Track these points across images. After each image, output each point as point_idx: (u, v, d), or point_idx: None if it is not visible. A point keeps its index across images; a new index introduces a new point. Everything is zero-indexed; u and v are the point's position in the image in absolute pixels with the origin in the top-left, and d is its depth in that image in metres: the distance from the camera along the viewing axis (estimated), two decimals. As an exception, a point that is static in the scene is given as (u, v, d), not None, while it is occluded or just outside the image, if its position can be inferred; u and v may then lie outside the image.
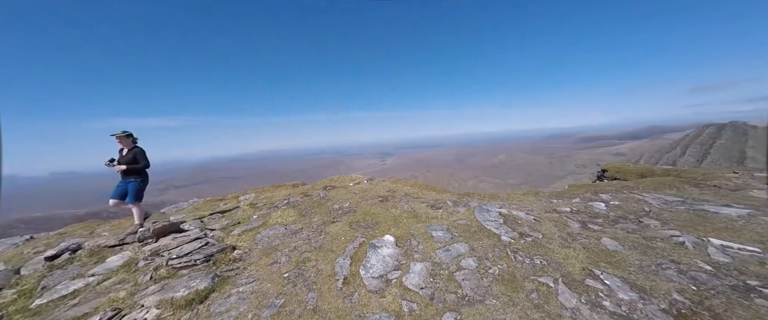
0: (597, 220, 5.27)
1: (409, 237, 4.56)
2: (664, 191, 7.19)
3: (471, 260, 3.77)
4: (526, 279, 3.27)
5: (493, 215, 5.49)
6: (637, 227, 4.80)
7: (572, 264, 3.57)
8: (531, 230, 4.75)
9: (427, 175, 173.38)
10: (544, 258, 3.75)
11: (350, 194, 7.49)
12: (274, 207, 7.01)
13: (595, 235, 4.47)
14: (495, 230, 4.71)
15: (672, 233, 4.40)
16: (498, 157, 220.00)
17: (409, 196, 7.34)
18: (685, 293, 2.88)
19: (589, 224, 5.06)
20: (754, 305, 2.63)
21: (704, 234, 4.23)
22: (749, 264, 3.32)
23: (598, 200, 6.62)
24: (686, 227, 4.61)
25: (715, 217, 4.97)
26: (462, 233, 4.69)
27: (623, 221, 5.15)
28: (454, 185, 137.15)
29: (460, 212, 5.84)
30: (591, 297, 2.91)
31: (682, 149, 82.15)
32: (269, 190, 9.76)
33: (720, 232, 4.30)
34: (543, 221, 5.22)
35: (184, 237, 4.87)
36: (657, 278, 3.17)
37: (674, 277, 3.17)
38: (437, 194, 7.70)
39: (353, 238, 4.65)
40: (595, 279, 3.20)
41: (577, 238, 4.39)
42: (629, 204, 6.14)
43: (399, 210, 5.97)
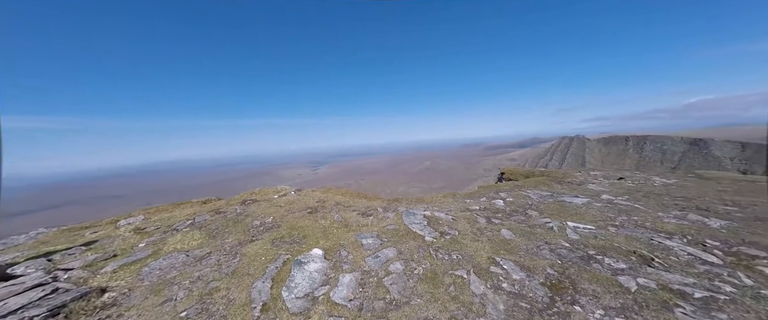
0: (498, 215, 6.32)
1: (339, 248, 4.41)
2: (540, 188, 9.23)
3: (399, 263, 3.91)
4: (445, 274, 3.59)
5: (419, 218, 5.89)
6: (525, 218, 5.98)
7: (480, 255, 4.14)
8: (449, 228, 5.31)
9: (361, 182, 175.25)
10: (459, 253, 4.21)
11: (274, 208, 6.80)
12: (171, 231, 5.69)
13: (497, 228, 5.33)
14: (420, 232, 5.05)
15: (545, 220, 5.65)
16: (424, 164, 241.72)
17: (340, 205, 7.17)
18: (555, 267, 3.71)
19: (492, 219, 6.01)
20: (592, 269, 3.60)
21: (564, 219, 5.60)
22: (589, 239, 4.55)
23: (498, 198, 7.95)
24: (554, 215, 6.01)
25: (569, 206, 6.67)
26: (391, 238, 4.84)
27: (515, 215, 6.34)
28: (387, 191, 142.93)
29: (389, 218, 6.04)
30: (494, 282, 3.41)
31: (550, 155, 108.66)
32: (167, 209, 7.91)
33: (573, 217, 5.78)
34: (459, 219, 5.91)
35: (13, 287, 3.39)
36: (537, 258, 3.99)
37: (547, 255, 4.05)
38: (368, 202, 7.79)
39: (276, 256, 4.18)
40: (496, 265, 3.79)
41: (484, 232, 5.13)
42: (519, 200, 7.61)
43: (329, 221, 5.74)
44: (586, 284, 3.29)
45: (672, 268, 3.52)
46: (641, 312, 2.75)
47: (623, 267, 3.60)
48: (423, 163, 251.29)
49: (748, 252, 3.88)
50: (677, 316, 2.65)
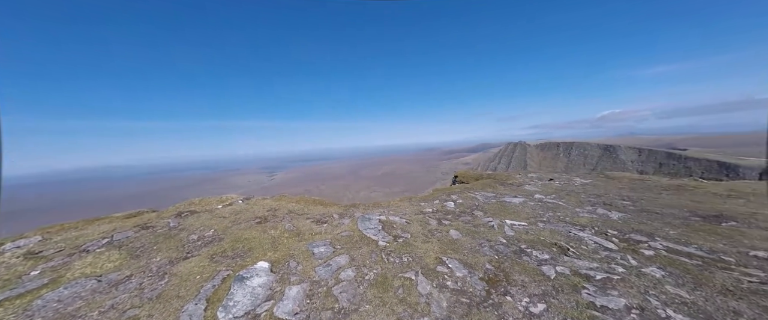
0: (448, 216, 6.72)
1: (288, 259, 4.20)
2: (487, 190, 10.11)
3: (350, 270, 3.88)
4: (395, 278, 3.68)
5: (374, 223, 5.95)
6: (471, 218, 6.47)
7: (429, 255, 4.35)
8: (403, 231, 5.47)
9: (322, 188, 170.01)
10: (410, 255, 4.36)
11: (217, 219, 6.18)
12: (80, 252, 4.76)
13: (446, 228, 5.66)
14: (374, 237, 5.10)
15: (488, 219, 6.20)
16: (385, 168, 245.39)
17: (294, 213, 6.86)
18: (492, 262, 4.09)
19: (443, 220, 6.36)
20: (522, 261, 4.06)
21: (504, 218, 6.21)
22: (522, 234, 5.13)
23: (450, 200, 8.47)
24: (495, 214, 6.63)
25: (509, 205, 7.43)
26: (344, 245, 4.79)
27: (464, 215, 6.82)
28: (349, 196, 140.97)
29: (344, 224, 5.97)
30: (439, 281, 3.61)
31: (499, 159, 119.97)
32: (76, 226, 6.58)
33: (510, 215, 6.45)
34: (412, 222, 6.13)
35: None
36: (479, 254, 4.35)
37: (487, 252, 4.44)
38: (324, 209, 7.60)
39: (214, 274, 3.80)
40: (443, 265, 4.02)
41: (434, 233, 5.41)
42: (468, 201, 8.21)
43: (279, 231, 5.44)
44: (517, 275, 3.69)
45: (582, 256, 4.16)
46: (557, 296, 3.19)
47: (546, 258, 4.13)
48: (384, 167, 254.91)
49: (636, 238, 4.79)
50: (583, 296, 3.14)
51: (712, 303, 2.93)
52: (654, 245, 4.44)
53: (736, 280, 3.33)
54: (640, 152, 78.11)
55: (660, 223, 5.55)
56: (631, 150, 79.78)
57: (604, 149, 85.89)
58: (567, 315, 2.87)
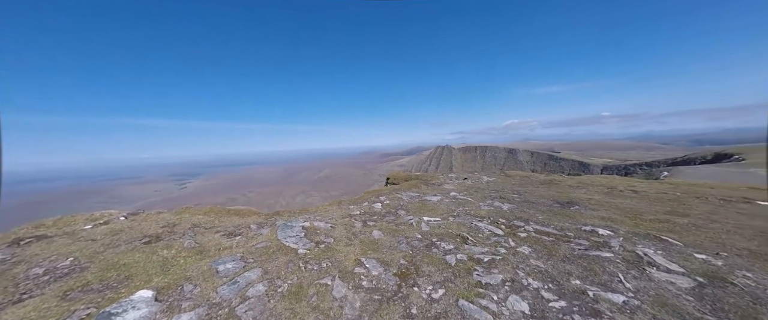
0: (374, 217, 6.96)
1: (183, 282, 3.59)
2: (412, 190, 10.91)
3: (261, 285, 3.59)
4: (310, 286, 3.58)
5: (296, 231, 5.67)
6: (395, 218, 6.86)
7: (350, 258, 4.40)
8: (326, 236, 5.38)
9: (250, 196, 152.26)
10: (330, 260, 4.33)
11: (81, 244, 4.81)
12: None
13: (370, 230, 5.85)
14: (293, 245, 4.86)
15: (410, 217, 6.70)
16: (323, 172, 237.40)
17: (200, 227, 5.93)
18: (407, 257, 4.43)
19: (368, 221, 6.55)
20: (432, 253, 4.54)
21: (422, 215, 6.82)
22: (435, 229, 5.73)
23: (378, 201, 8.79)
24: (416, 212, 7.21)
25: (429, 203, 8.20)
26: (259, 258, 4.40)
27: (389, 215, 7.17)
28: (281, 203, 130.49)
29: (262, 235, 5.50)
30: (355, 282, 3.69)
31: (430, 161, 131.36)
32: None
33: (428, 212, 7.13)
34: (337, 226, 6.10)
35: None
36: (395, 251, 4.65)
37: (404, 248, 4.79)
38: (241, 219, 6.82)
39: (64, 316, 2.93)
40: (361, 266, 4.13)
41: (358, 235, 5.52)
42: (394, 202, 8.69)
43: (175, 250, 4.60)
44: (425, 267, 4.09)
45: (478, 243, 4.92)
46: (455, 280, 3.68)
47: (451, 248, 4.72)
48: (322, 171, 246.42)
49: (517, 224, 5.96)
50: (473, 277, 3.71)
51: (556, 269, 3.89)
52: (527, 228, 5.61)
53: (571, 249, 4.51)
54: (531, 154, 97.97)
55: (534, 210, 7.07)
56: (526, 153, 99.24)
57: (508, 151, 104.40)
58: (460, 295, 3.34)
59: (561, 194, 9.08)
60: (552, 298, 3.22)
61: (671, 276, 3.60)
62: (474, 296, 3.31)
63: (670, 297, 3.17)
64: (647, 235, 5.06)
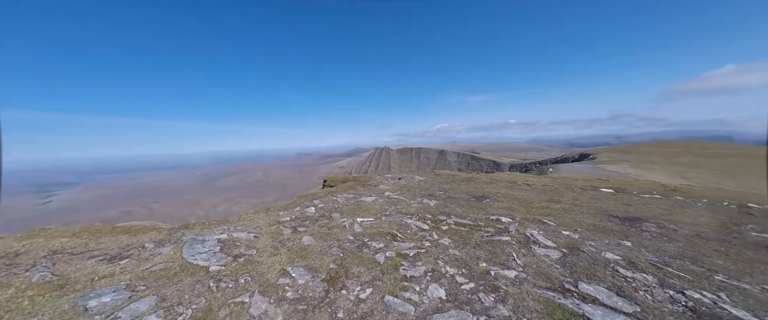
0: (306, 222, 6.62)
1: (25, 332, 2.65)
2: (349, 191, 10.86)
3: (154, 316, 2.95)
4: (222, 307, 3.14)
5: (209, 245, 4.91)
6: (328, 221, 6.68)
7: (274, 269, 4.06)
8: (247, 248, 4.83)
9: (154, 207, 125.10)
10: (250, 274, 3.89)
11: None
12: None
13: (300, 236, 5.53)
14: (203, 263, 4.19)
15: (343, 220, 6.63)
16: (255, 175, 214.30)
17: (62, 254, 4.52)
18: (337, 260, 4.36)
19: (299, 227, 6.19)
20: (362, 253, 4.59)
21: (356, 216, 6.85)
22: (367, 229, 5.83)
23: (311, 205, 8.41)
24: (351, 214, 7.20)
25: (364, 204, 8.30)
26: (154, 283, 3.62)
27: (322, 219, 6.94)
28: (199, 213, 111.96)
29: (162, 254, 4.55)
30: (279, 294, 3.42)
31: (369, 162, 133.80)
32: None
33: (363, 213, 7.21)
34: (263, 235, 5.55)
35: None
36: (326, 256, 4.52)
37: (335, 251, 4.70)
38: (131, 238, 5.50)
39: None
40: (286, 276, 3.86)
41: (286, 243, 5.15)
42: (329, 205, 8.46)
43: (14, 289, 3.37)
44: (355, 268, 4.10)
45: (406, 239, 5.23)
46: (383, 278, 3.80)
47: (381, 246, 4.88)
48: (257, 174, 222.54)
49: (441, 218, 6.60)
50: (400, 272, 3.92)
51: (468, 255, 4.46)
52: (449, 221, 6.27)
53: (482, 236, 5.26)
54: (458, 155, 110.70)
55: (455, 205, 7.96)
56: (453, 154, 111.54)
57: (439, 153, 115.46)
58: (386, 291, 3.47)
59: (477, 189, 10.50)
60: (464, 282, 3.66)
61: (547, 251, 4.56)
62: (399, 290, 3.48)
63: (545, 267, 4.01)
64: (534, 219, 6.30)
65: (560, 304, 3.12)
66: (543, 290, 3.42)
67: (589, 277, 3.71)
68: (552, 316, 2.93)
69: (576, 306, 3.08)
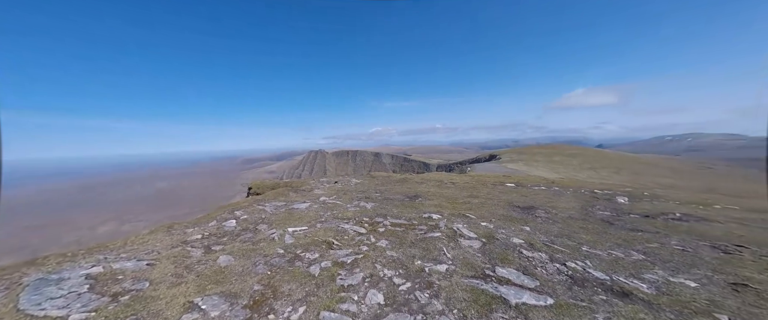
0: (223, 239, 5.63)
1: None
2: (279, 199, 9.87)
3: None
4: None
5: (70, 285, 3.59)
6: (253, 235, 5.85)
7: (176, 303, 3.24)
8: (135, 282, 3.74)
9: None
10: (138, 315, 2.99)
11: None
12: None
13: (215, 256, 4.64)
14: (57, 314, 3.01)
15: (272, 231, 5.92)
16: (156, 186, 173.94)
17: None
18: (263, 280, 3.81)
19: (214, 246, 5.20)
20: (295, 267, 4.16)
21: (287, 226, 6.22)
22: (300, 239, 5.35)
23: (232, 218, 7.25)
24: (281, 223, 6.50)
25: (296, 212, 7.65)
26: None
27: (245, 233, 6.03)
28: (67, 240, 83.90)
29: (-24, 311, 3.06)
30: (182, 336, 2.72)
31: (303, 166, 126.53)
32: None
33: (295, 222, 6.62)
34: (161, 261, 4.42)
35: None
36: (249, 277, 3.90)
37: (261, 269, 4.11)
38: None
39: None
40: (194, 310, 3.13)
41: (195, 267, 4.22)
42: (255, 215, 7.46)
43: None
44: (286, 286, 3.66)
45: (343, 245, 5.02)
46: (317, 292, 3.50)
47: (316, 257, 4.53)
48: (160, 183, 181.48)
49: (378, 220, 6.64)
50: (337, 283, 3.69)
51: (405, 254, 4.58)
52: (385, 223, 6.36)
53: (416, 235, 5.51)
54: (392, 157, 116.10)
55: (391, 206, 8.18)
56: (388, 156, 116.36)
57: (374, 155, 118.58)
58: (322, 307, 3.19)
59: (410, 189, 11.10)
60: (401, 282, 3.71)
61: (470, 242, 5.11)
62: (336, 303, 3.26)
63: (470, 257, 4.47)
64: (459, 214, 7.02)
65: (483, 290, 3.48)
66: (469, 279, 3.77)
67: (502, 261, 4.29)
68: (477, 302, 3.24)
69: (495, 289, 3.50)
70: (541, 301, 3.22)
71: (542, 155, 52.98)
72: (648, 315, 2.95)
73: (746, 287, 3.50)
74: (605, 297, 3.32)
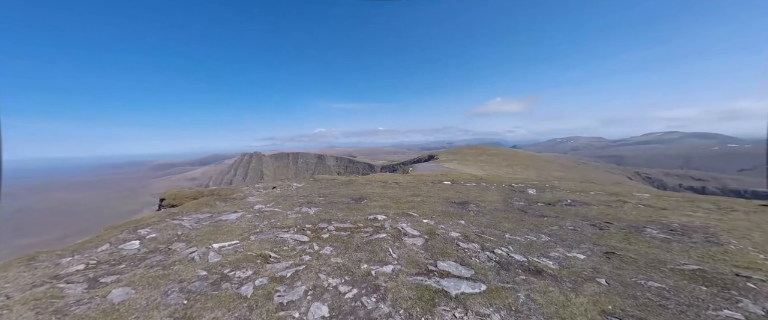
0: (119, 267, 4.44)
1: None
2: (202, 210, 8.44)
3: None
4: None
5: None
6: (164, 257, 4.80)
7: (35, 366, 2.35)
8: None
9: None
10: None
11: None
12: None
13: (105, 291, 3.60)
14: None
15: (191, 250, 4.97)
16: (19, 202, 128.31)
17: None
18: (177, 312, 3.12)
19: (103, 277, 4.05)
20: (221, 291, 3.56)
21: (212, 242, 5.33)
22: (229, 256, 4.64)
23: (134, 237, 5.83)
24: (203, 240, 5.53)
25: (224, 224, 6.65)
26: None
27: (153, 255, 4.90)
28: None
29: None
30: None
31: (235, 170, 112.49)
32: None
33: (222, 236, 5.72)
34: (12, 309, 3.19)
35: None
36: (156, 311, 3.14)
37: (173, 300, 3.37)
38: None
39: None
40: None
41: (71, 310, 3.19)
42: (167, 232, 6.16)
43: None
44: (208, 314, 3.08)
45: (282, 258, 4.56)
46: (251, 316, 3.05)
47: (249, 274, 3.98)
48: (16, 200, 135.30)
49: (321, 225, 6.29)
50: (274, 301, 3.30)
51: (350, 259, 4.43)
52: (330, 228, 6.08)
53: (362, 237, 5.42)
54: (337, 159, 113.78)
55: (336, 210, 7.90)
56: (332, 158, 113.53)
57: (318, 157, 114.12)
58: (256, 332, 2.79)
59: (355, 191, 10.97)
60: (347, 290, 3.55)
61: (414, 239, 5.30)
62: (273, 324, 2.90)
63: (414, 254, 4.62)
64: (403, 213, 7.24)
65: (427, 286, 3.62)
66: (414, 277, 3.87)
67: (443, 255, 4.57)
68: (421, 299, 3.33)
69: (437, 283, 3.68)
70: (476, 289, 3.52)
71: (471, 155, 59.87)
72: (554, 287, 3.53)
73: (614, 254, 4.56)
74: (525, 276, 3.86)
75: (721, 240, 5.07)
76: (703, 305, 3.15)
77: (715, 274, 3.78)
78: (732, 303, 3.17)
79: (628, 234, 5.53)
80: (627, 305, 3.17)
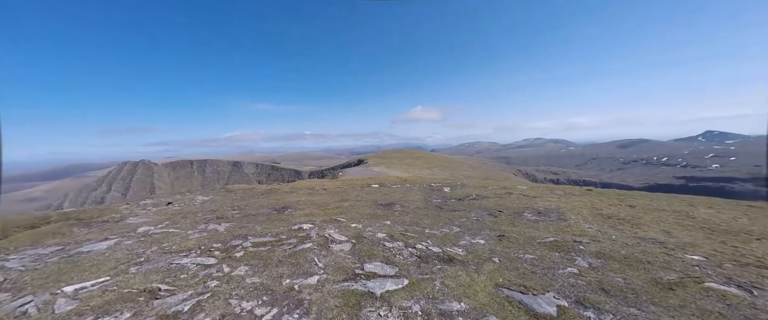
0: None
1: None
2: (46, 242, 6.09)
3: None
4: None
5: None
6: (-36, 320, 3.20)
7: None
8: None
9: None
10: None
11: None
12: None
13: None
14: None
15: (22, 301, 3.49)
16: None
17: None
18: None
19: None
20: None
21: (64, 284, 3.89)
22: (92, 300, 3.48)
23: None
24: (47, 283, 3.97)
25: (86, 258, 4.96)
26: None
27: (-62, 322, 3.20)
28: None
29: None
30: None
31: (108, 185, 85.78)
32: None
33: (82, 274, 4.26)
34: None
35: None
36: None
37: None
38: None
39: None
40: None
41: None
42: (-28, 283, 4.15)
43: None
44: (51, 387, 2.21)
45: (178, 288, 3.73)
46: (126, 372, 2.35)
47: (125, 318, 3.08)
48: None
49: (234, 243, 5.48)
50: (164, 345, 2.65)
51: (270, 277, 4.01)
52: (245, 245, 5.36)
53: (284, 251, 4.98)
54: (257, 166, 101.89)
55: (254, 223, 7.03)
56: (251, 165, 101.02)
57: (233, 165, 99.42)
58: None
59: (278, 200, 10.06)
60: (264, 312, 3.19)
61: (341, 245, 5.23)
62: (161, 375, 2.31)
63: (341, 260, 4.55)
64: (331, 220, 7.06)
65: (353, 290, 3.61)
66: (340, 284, 3.80)
67: (370, 257, 4.67)
68: (348, 305, 3.30)
69: (363, 286, 3.72)
70: (400, 284, 3.74)
71: (397, 158, 63.88)
72: (463, 271, 4.10)
73: (504, 236, 5.65)
74: (440, 266, 4.33)
75: (566, 217, 6.98)
76: (555, 266, 4.25)
77: (563, 242, 5.17)
78: (571, 262, 4.39)
79: (513, 219, 6.97)
80: (512, 276, 3.97)
